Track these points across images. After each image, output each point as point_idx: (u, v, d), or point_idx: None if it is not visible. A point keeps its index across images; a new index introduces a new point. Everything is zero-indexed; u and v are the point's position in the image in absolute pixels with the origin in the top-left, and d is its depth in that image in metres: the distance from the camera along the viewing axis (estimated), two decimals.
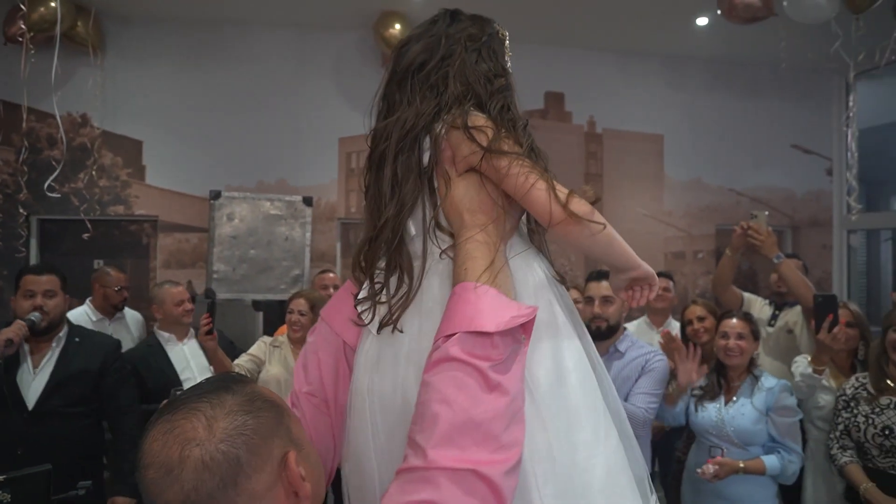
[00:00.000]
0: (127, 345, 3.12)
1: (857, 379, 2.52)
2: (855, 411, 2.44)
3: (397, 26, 4.33)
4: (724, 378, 2.48)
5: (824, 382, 2.54)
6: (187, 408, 0.72)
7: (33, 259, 4.31)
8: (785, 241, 5.53)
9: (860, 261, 5.72)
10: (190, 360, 3.01)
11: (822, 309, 2.49)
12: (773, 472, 2.31)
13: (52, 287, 2.44)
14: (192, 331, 3.10)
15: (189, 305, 3.06)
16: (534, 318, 0.85)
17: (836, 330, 2.43)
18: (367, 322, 0.97)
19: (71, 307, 4.23)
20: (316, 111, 4.65)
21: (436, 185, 0.97)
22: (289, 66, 4.68)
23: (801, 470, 2.55)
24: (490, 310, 0.81)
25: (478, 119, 0.96)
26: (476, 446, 0.72)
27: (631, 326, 3.68)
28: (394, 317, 0.92)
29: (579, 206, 0.93)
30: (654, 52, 5.24)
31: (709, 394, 2.47)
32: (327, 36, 4.71)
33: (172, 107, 4.52)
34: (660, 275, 3.70)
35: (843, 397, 2.51)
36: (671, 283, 3.66)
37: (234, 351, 3.15)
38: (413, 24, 3.39)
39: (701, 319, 2.87)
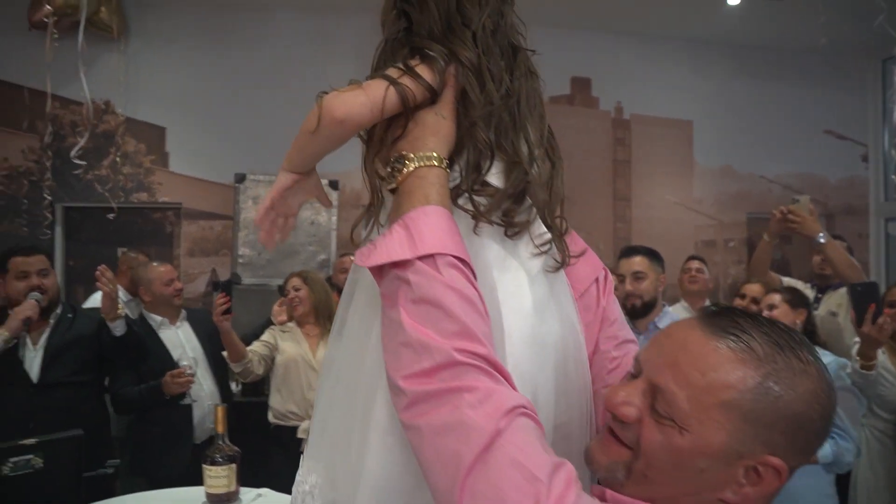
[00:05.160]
0: None
1: None
2: None
3: None
4: None
5: (888, 366, 2.39)
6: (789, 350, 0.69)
7: (59, 246, 4.30)
8: None
9: None
10: (185, 345, 2.84)
11: (861, 298, 2.29)
12: (825, 460, 2.13)
13: (44, 266, 2.48)
14: (184, 312, 2.92)
15: (179, 284, 2.87)
16: None
17: (881, 320, 2.21)
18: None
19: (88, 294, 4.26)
20: None
21: None
22: (311, 48, 4.61)
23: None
24: None
25: None
26: None
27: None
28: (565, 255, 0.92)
29: None
30: (681, 36, 5.11)
31: None
32: (349, 18, 4.62)
33: (195, 93, 4.47)
34: (691, 258, 3.65)
35: None
36: (704, 266, 3.58)
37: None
38: None
39: (756, 301, 2.75)
